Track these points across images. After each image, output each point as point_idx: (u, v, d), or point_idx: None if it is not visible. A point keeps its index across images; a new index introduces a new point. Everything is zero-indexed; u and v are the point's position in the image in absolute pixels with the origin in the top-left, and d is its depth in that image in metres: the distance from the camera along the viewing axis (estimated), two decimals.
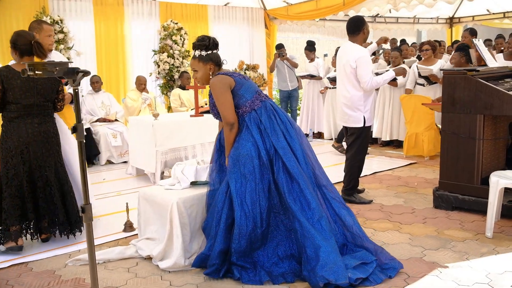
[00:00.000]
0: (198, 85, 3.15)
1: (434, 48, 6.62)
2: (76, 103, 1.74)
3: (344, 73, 4.42)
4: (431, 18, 11.25)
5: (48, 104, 3.62)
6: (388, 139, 7.40)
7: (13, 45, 3.47)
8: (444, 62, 6.53)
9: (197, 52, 3.19)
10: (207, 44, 3.19)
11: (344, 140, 6.30)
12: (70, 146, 3.94)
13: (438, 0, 7.33)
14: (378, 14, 10.27)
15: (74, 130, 1.75)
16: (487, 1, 9.78)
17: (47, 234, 3.71)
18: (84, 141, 1.94)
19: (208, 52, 3.19)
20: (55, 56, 4.14)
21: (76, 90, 1.73)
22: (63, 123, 3.98)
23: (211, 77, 3.22)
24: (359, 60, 4.28)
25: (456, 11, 11.01)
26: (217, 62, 3.22)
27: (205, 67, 3.20)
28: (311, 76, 8.34)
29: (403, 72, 4.80)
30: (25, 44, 3.44)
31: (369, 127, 4.56)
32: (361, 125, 4.44)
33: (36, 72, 1.65)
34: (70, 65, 1.71)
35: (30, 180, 3.53)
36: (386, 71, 5.21)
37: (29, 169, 3.53)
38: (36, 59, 3.49)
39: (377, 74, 5.27)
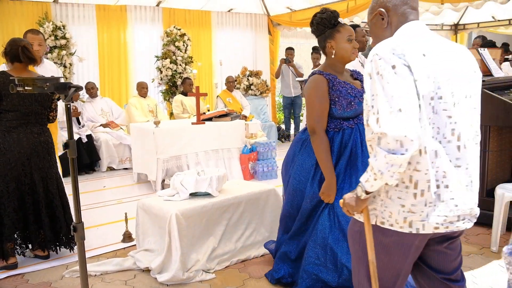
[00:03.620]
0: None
1: None
2: (68, 119, 1.68)
3: None
4: (436, 25, 11.17)
5: (44, 112, 3.48)
6: None
7: (4, 51, 3.34)
8: None
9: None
10: None
11: None
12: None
13: (444, 8, 7.27)
14: None
15: (66, 146, 1.69)
16: (492, 8, 9.70)
17: (46, 251, 3.54)
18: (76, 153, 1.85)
19: None
20: (48, 65, 3.98)
21: (68, 106, 1.67)
22: None
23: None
24: None
25: (461, 18, 10.94)
26: None
27: None
28: None
29: None
30: (13, 49, 3.28)
31: None
32: None
33: (26, 88, 1.60)
34: (62, 80, 1.65)
35: (32, 192, 3.40)
36: None
37: (31, 181, 3.39)
38: (29, 67, 3.38)
39: None
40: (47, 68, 3.90)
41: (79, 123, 6.82)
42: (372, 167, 1.59)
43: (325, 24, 2.68)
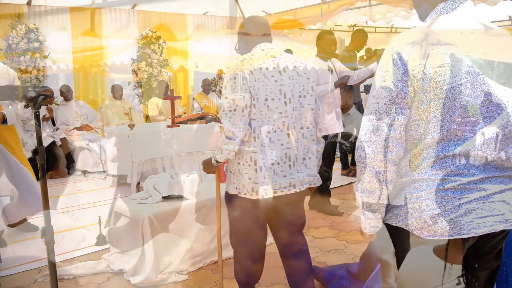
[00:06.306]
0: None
1: None
2: (38, 124, 1.72)
3: None
4: (409, 28, 11.41)
5: None
6: None
7: None
8: None
9: None
10: None
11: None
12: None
13: (412, 13, 7.45)
14: (355, 24, 10.38)
15: (36, 153, 1.72)
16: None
17: None
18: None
19: None
20: None
21: (37, 113, 1.71)
22: None
23: None
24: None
25: None
26: None
27: None
28: None
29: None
30: None
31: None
32: None
33: None
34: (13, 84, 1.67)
35: None
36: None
37: None
38: None
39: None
40: None
41: (54, 124, 6.76)
42: (218, 145, 2.28)
43: None
